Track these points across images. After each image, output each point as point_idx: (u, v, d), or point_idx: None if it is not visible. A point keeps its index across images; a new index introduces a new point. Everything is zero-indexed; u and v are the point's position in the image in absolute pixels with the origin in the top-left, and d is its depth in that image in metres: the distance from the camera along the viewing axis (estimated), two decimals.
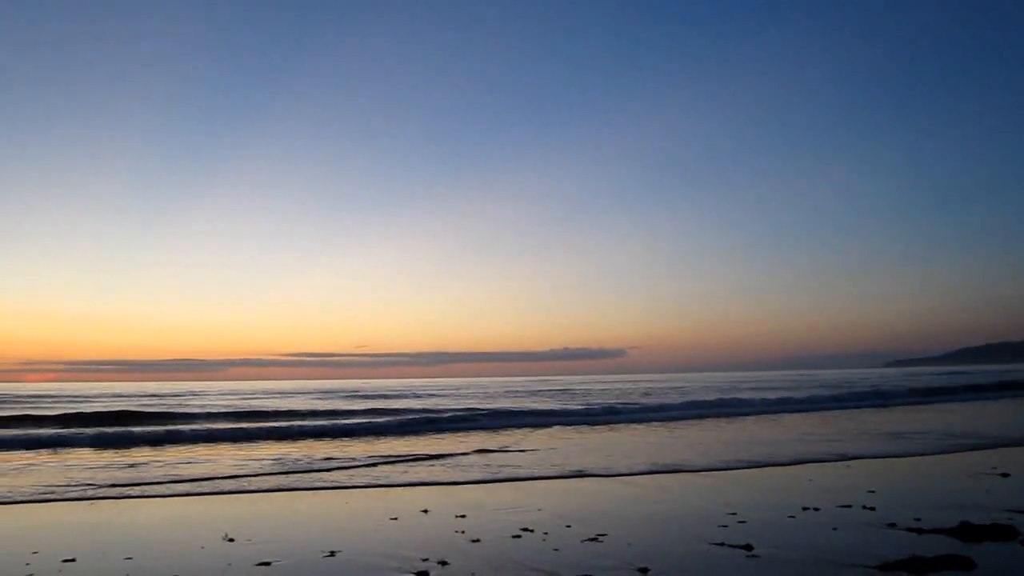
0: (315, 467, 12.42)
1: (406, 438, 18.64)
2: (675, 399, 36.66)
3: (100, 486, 10.41)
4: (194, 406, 35.02)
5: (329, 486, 10.39)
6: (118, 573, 5.74)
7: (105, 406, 34.01)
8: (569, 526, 7.28)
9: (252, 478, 11.17)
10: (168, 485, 10.53)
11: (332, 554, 6.23)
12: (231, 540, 6.84)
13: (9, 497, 9.49)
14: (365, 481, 10.84)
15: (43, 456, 14.80)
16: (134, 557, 6.20)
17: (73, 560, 6.12)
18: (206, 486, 10.46)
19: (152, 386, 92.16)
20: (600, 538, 6.70)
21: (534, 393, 50.94)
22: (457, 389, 61.51)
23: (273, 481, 10.88)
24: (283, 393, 54.35)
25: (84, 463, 13.45)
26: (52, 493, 9.77)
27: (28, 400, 41.29)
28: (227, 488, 10.26)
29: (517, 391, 55.00)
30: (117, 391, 61.53)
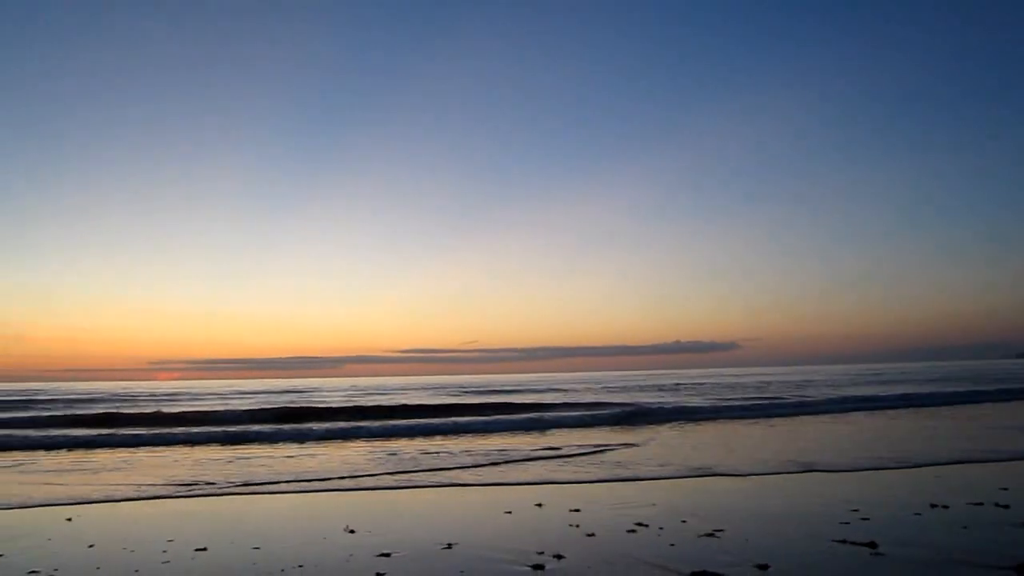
0: (430, 463, 12.67)
1: (521, 434, 18.75)
2: (794, 394, 35.70)
3: (228, 483, 10.88)
4: (313, 402, 36.14)
5: (446, 483, 10.54)
6: (246, 561, 6.00)
7: (223, 403, 35.52)
8: (685, 521, 7.21)
9: (369, 476, 11.45)
10: (291, 482, 10.91)
11: (449, 546, 6.35)
12: (352, 532, 7.06)
13: (144, 493, 10.04)
14: (479, 477, 10.99)
15: (177, 452, 15.57)
16: (261, 547, 6.47)
17: (205, 549, 6.43)
18: (327, 482, 10.78)
19: (271, 383, 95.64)
20: (717, 534, 6.61)
21: (647, 387, 50.49)
22: (569, 384, 61.51)
23: (390, 477, 11.13)
24: (397, 389, 55.39)
25: (212, 458, 14.10)
26: (185, 488, 10.29)
27: (163, 398, 43.42)
28: (346, 484, 10.57)
29: (629, 386, 54.63)
30: (238, 388, 64.09)
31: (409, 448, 15.28)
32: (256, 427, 20.84)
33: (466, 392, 48.33)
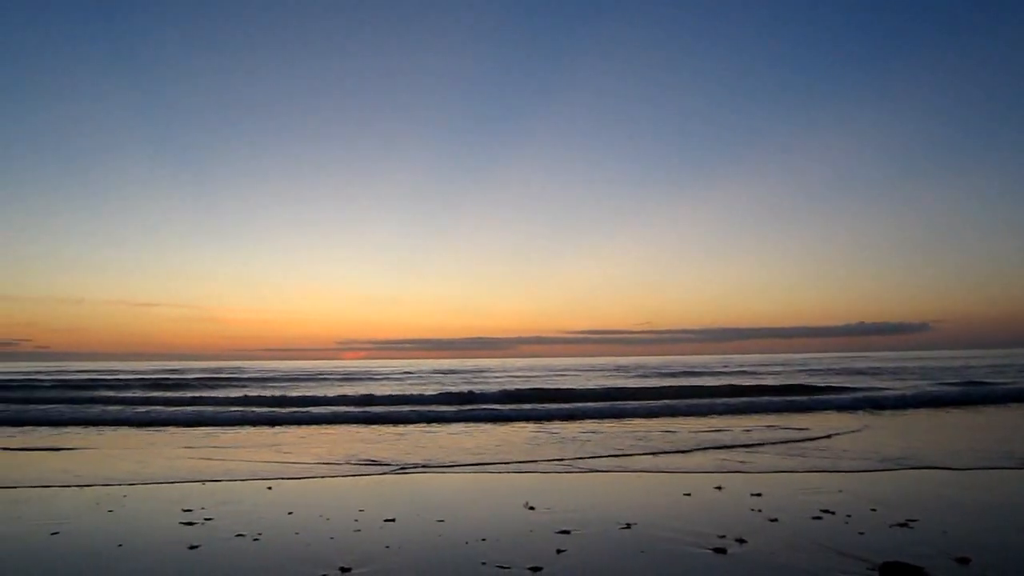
0: (604, 445, 12.71)
1: (696, 418, 18.48)
2: (1000, 380, 33.26)
3: (407, 461, 11.34)
4: (488, 382, 36.97)
5: (623, 466, 10.55)
6: (431, 533, 6.25)
7: (400, 384, 36.89)
8: (874, 510, 6.89)
9: (549, 460, 11.60)
10: (469, 465, 11.22)
11: (628, 526, 6.36)
12: (531, 508, 7.20)
13: (334, 469, 10.62)
14: (656, 460, 10.94)
15: (353, 430, 16.37)
16: (445, 520, 6.71)
17: (393, 520, 6.74)
18: (506, 465, 11.02)
19: (448, 363, 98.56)
20: (910, 524, 6.28)
21: (830, 371, 48.38)
22: (748, 366, 59.86)
23: (567, 459, 11.25)
24: (572, 370, 55.65)
25: (388, 437, 14.73)
26: (366, 465, 10.81)
27: (346, 377, 45.57)
28: (523, 465, 10.76)
29: (812, 369, 52.53)
30: (415, 368, 66.22)
31: (582, 430, 15.38)
32: (427, 407, 21.53)
33: (643, 375, 48.03)
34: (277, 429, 16.27)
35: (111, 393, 29.32)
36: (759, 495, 7.75)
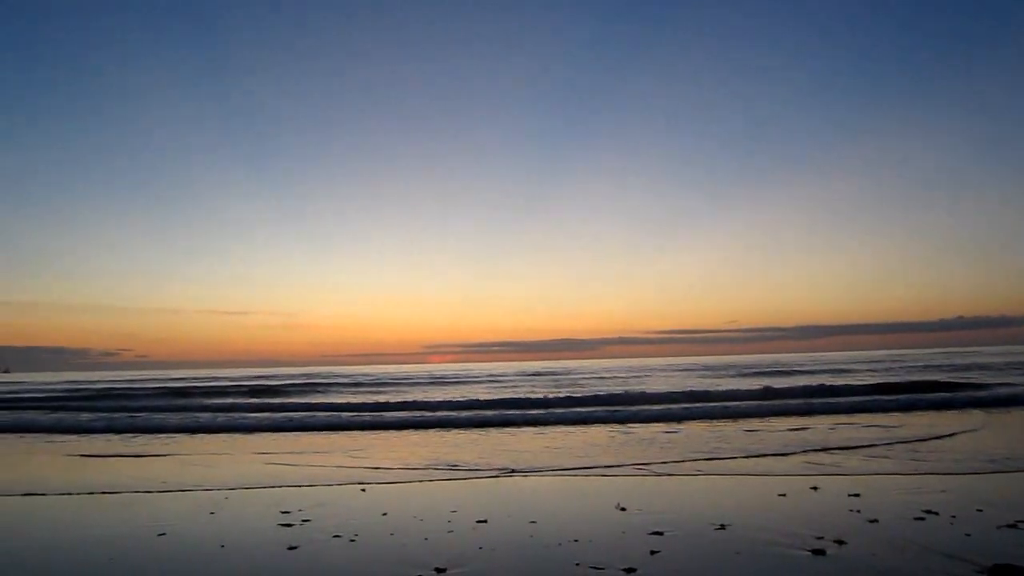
0: (696, 447, 12.57)
1: (791, 417, 18.10)
2: None
3: (492, 465, 11.40)
4: (576, 383, 36.94)
5: (715, 469, 10.42)
6: (523, 534, 6.28)
7: (475, 388, 37.10)
8: (981, 510, 6.65)
9: (639, 463, 11.53)
10: (559, 470, 11.24)
11: (722, 527, 6.28)
12: (623, 509, 7.17)
13: (425, 473, 10.76)
14: (747, 462, 10.78)
15: (436, 435, 16.54)
16: (537, 521, 6.73)
17: (485, 521, 6.79)
18: (594, 467, 11.00)
19: (535, 365, 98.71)
20: (1020, 525, 6.03)
21: (930, 367, 46.77)
22: (842, 363, 58.26)
23: (656, 461, 11.16)
24: (658, 370, 55.00)
25: (471, 440, 14.83)
26: (448, 469, 10.92)
27: (429, 381, 46.11)
28: (613, 468, 10.72)
29: (910, 365, 50.87)
30: (498, 371, 66.43)
31: (669, 431, 15.24)
32: (514, 411, 21.54)
33: (730, 375, 47.26)
34: (367, 433, 16.56)
35: (207, 400, 30.30)
36: (857, 495, 7.55)
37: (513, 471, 10.12)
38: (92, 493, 8.89)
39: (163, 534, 6.59)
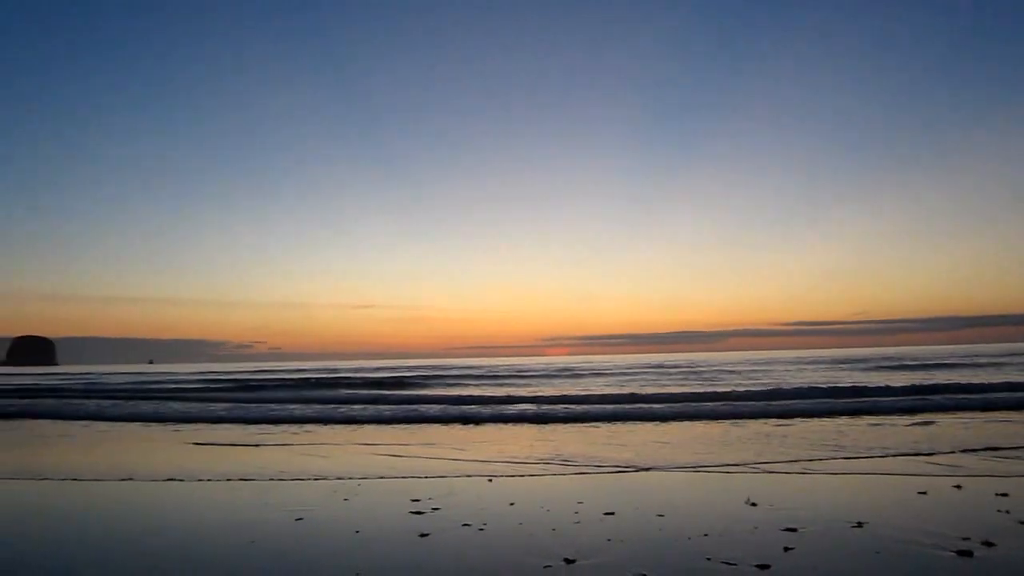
0: (829, 441, 12.20)
1: (926, 414, 17.32)
2: None
3: (621, 461, 11.35)
4: (697, 377, 36.33)
5: (853, 470, 10.09)
6: (652, 527, 6.23)
7: (585, 382, 36.87)
8: None
9: (763, 460, 11.30)
10: (690, 467, 11.10)
11: (859, 525, 6.07)
12: (753, 505, 7.02)
13: (555, 469, 10.80)
14: (882, 461, 10.39)
15: (570, 429, 16.55)
16: (665, 515, 6.67)
17: (612, 514, 6.77)
18: (723, 464, 10.82)
19: (654, 358, 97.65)
20: None
21: None
22: (985, 357, 55.00)
23: (785, 458, 10.90)
24: (782, 364, 53.09)
25: (599, 435, 14.78)
26: (560, 463, 10.92)
27: (547, 375, 46.22)
28: (742, 463, 10.52)
29: None
30: (622, 363, 65.74)
31: (797, 427, 14.83)
32: (631, 406, 21.30)
33: (861, 368, 45.52)
34: (489, 426, 16.73)
35: (335, 391, 31.26)
36: (1005, 495, 7.17)
37: (636, 466, 10.06)
38: (229, 480, 9.31)
39: (300, 519, 6.85)
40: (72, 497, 8.38)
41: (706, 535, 5.86)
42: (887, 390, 24.24)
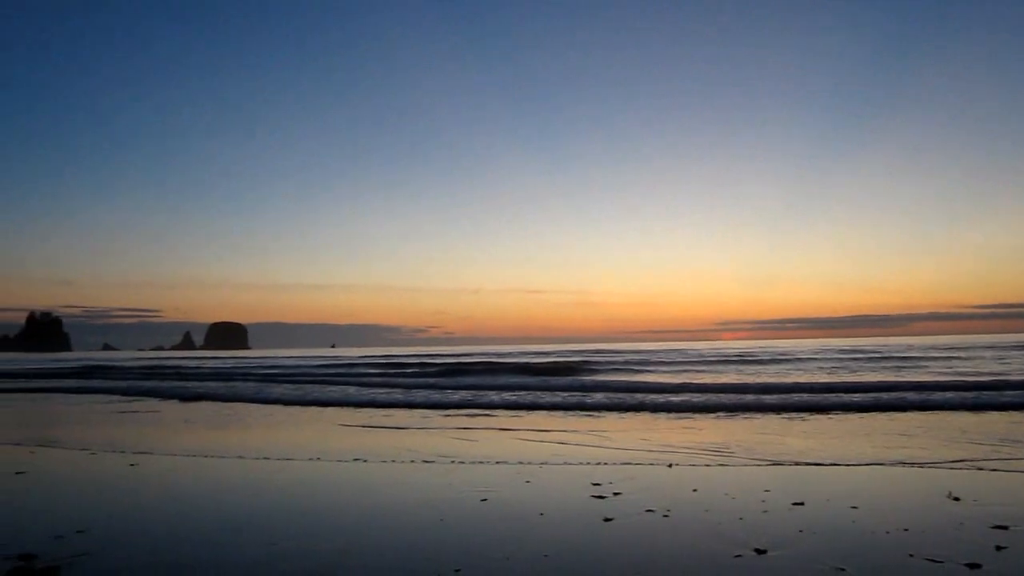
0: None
1: None
2: None
3: (805, 451, 10.95)
4: (886, 365, 34.44)
5: None
6: (845, 519, 5.98)
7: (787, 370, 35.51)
8: None
9: (961, 456, 10.63)
10: (869, 448, 10.61)
11: None
12: (956, 499, 6.61)
13: (737, 459, 10.57)
14: None
15: (752, 419, 16.11)
16: (859, 507, 6.39)
17: (802, 504, 6.55)
18: (917, 460, 10.27)
19: (834, 343, 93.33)
20: None
21: None
22: None
23: (997, 451, 10.20)
24: (980, 349, 48.88)
25: (783, 425, 14.31)
26: (722, 452, 10.61)
27: (723, 360, 44.98)
28: (939, 457, 9.95)
29: None
30: (800, 348, 62.88)
31: (1001, 420, 13.84)
32: (806, 396, 20.48)
33: None
34: (663, 414, 16.50)
35: (510, 379, 31.74)
36: None
37: (823, 456, 9.67)
38: (413, 461, 9.64)
39: (485, 500, 7.01)
40: (268, 474, 8.90)
41: (906, 530, 5.57)
42: None
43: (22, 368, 56.86)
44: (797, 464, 9.06)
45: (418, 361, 52.85)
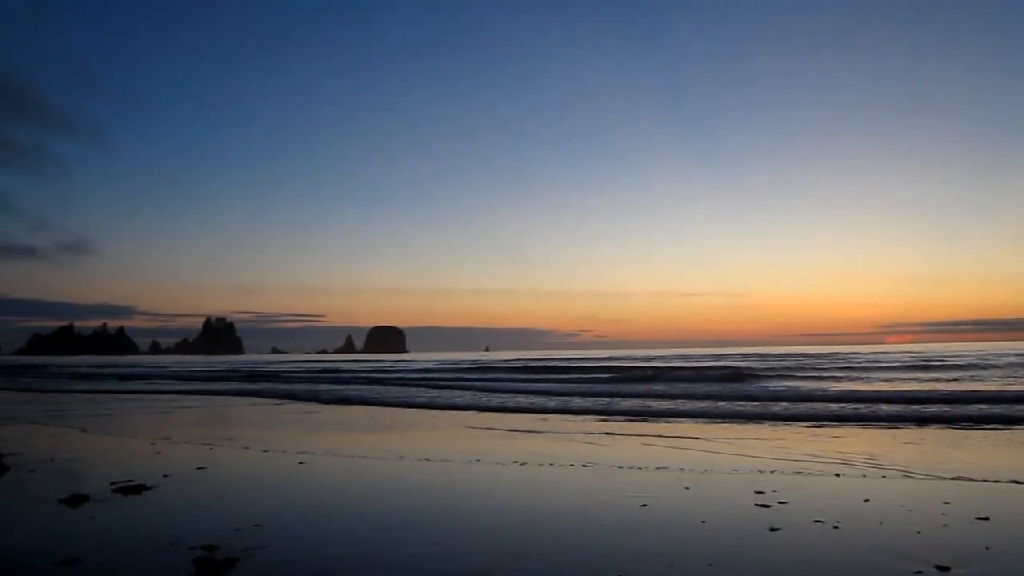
0: None
1: None
2: None
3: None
4: None
5: None
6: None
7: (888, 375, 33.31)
8: None
9: None
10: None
11: None
12: None
13: (902, 471, 10.01)
14: None
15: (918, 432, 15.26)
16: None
17: (987, 519, 6.15)
18: None
19: (1012, 346, 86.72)
20: None
21: None
22: None
23: None
24: None
25: (955, 438, 13.47)
26: (937, 467, 10.01)
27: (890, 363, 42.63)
28: None
29: None
30: (972, 351, 58.60)
31: None
32: (972, 407, 19.08)
33: None
34: (828, 424, 15.82)
35: (656, 386, 31.29)
36: None
37: (1009, 471, 9.01)
38: (572, 465, 9.64)
39: (644, 505, 6.94)
40: (432, 475, 9.12)
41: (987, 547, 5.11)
42: None
43: (199, 371, 60.97)
44: (982, 480, 8.46)
45: (577, 366, 52.77)
